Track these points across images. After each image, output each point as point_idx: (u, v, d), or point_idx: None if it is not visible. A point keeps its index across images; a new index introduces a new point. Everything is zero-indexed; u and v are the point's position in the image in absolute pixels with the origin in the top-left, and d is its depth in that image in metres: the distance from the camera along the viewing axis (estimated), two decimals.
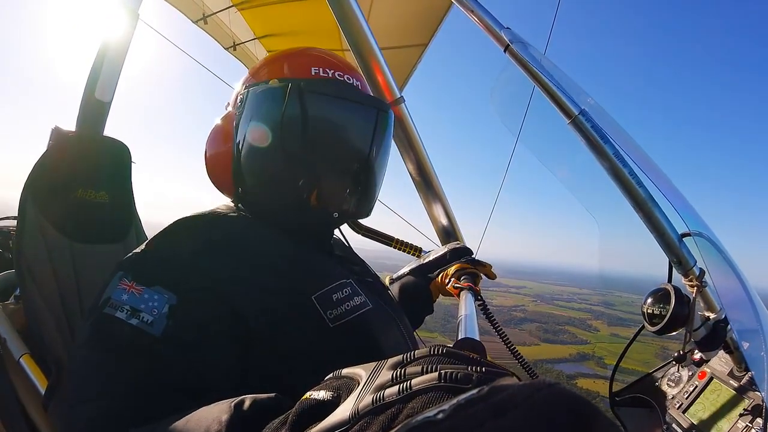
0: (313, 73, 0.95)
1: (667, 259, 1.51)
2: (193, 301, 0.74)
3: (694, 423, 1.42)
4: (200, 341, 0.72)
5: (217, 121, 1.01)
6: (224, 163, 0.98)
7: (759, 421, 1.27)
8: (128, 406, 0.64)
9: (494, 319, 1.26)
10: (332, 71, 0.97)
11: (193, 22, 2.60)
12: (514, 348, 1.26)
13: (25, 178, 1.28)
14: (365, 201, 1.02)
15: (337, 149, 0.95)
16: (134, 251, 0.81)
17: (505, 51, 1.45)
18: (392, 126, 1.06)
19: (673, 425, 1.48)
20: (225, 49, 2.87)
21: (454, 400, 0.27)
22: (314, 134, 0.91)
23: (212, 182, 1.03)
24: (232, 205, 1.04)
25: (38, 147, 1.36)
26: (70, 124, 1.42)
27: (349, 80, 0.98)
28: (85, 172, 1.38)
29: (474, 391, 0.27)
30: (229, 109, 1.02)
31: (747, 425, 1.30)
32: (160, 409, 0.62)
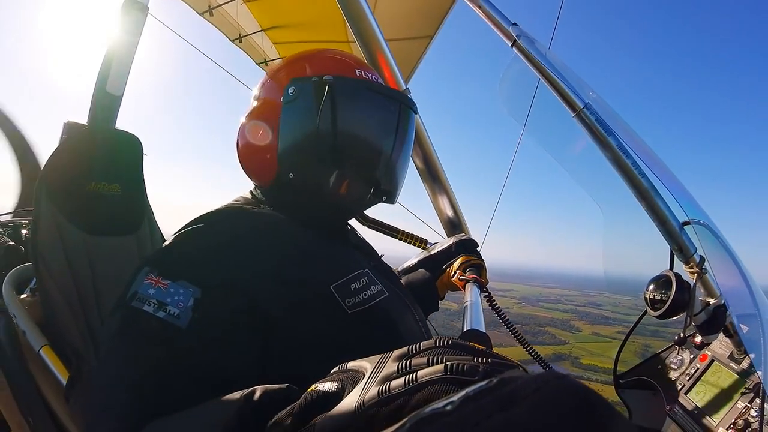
0: (357, 75, 1.00)
1: (668, 249, 1.55)
2: (216, 294, 0.76)
3: (696, 404, 1.48)
4: (224, 333, 0.74)
5: (243, 118, 1.03)
6: (259, 152, 1.00)
7: (758, 401, 1.33)
8: (156, 395, 0.66)
9: (501, 311, 1.28)
10: (371, 74, 1.03)
11: (198, 14, 2.58)
12: (524, 339, 1.28)
13: (40, 172, 1.29)
14: (394, 192, 1.08)
15: (386, 146, 1.01)
16: (159, 248, 0.83)
17: (512, 46, 1.48)
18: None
19: (676, 406, 1.53)
20: (231, 41, 2.85)
21: (463, 392, 0.27)
22: (365, 131, 0.99)
23: (246, 171, 1.05)
24: (249, 197, 1.06)
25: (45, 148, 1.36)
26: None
27: (380, 81, 1.05)
28: (97, 165, 1.38)
29: (483, 383, 0.27)
30: (260, 98, 1.04)
31: (746, 405, 1.35)
32: (185, 398, 0.63)
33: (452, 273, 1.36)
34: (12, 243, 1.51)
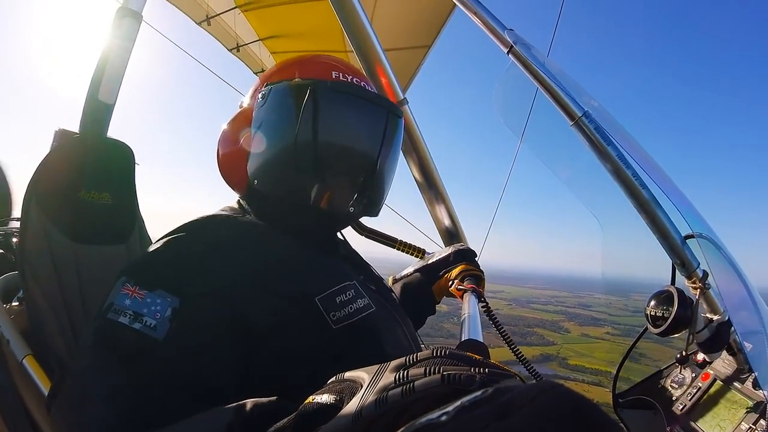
0: (333, 76, 0.97)
1: (669, 263, 1.51)
2: (195, 304, 0.75)
3: (698, 424, 1.43)
4: (203, 343, 0.73)
5: (224, 126, 1.02)
6: (237, 160, 0.99)
7: (762, 422, 1.28)
8: (133, 409, 0.64)
9: (498, 322, 1.26)
10: (350, 76, 0.99)
11: (196, 23, 2.59)
12: (518, 350, 1.25)
13: (29, 179, 1.28)
14: (375, 202, 1.04)
15: (355, 149, 0.97)
16: (137, 257, 0.82)
17: (508, 53, 1.46)
18: (402, 129, 1.08)
19: (677, 427, 1.48)
20: (228, 50, 2.86)
21: (458, 402, 0.26)
22: (336, 133, 0.94)
23: (225, 180, 1.04)
24: (235, 206, 1.05)
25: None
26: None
27: (365, 85, 1.01)
28: (88, 173, 1.38)
29: (478, 393, 0.27)
30: (245, 105, 1.03)
31: (750, 426, 1.30)
32: (165, 411, 0.62)
33: (450, 280, 1.34)
34: (1, 251, 1.50)
